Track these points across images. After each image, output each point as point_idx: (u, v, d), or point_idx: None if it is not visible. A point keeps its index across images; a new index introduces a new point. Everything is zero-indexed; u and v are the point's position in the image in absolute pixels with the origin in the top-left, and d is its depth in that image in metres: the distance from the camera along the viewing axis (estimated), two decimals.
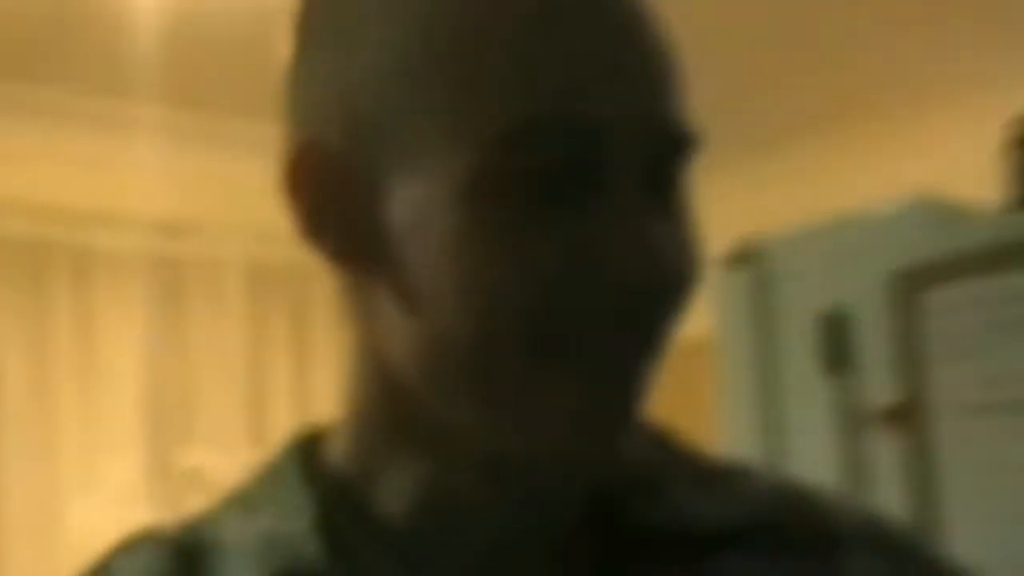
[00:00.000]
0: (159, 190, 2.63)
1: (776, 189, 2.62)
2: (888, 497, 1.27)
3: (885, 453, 1.25)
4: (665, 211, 0.44)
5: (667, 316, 0.44)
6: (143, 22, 2.36)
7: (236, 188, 2.76)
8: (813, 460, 1.33)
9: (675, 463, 0.53)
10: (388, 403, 0.48)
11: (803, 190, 2.47)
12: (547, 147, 0.43)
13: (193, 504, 0.75)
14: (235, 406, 2.96)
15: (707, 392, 1.61)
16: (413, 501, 0.48)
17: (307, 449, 0.53)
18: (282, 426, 2.92)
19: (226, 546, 0.52)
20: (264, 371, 3.19)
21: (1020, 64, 2.16)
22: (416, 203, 0.44)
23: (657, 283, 0.44)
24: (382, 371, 0.48)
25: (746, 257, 1.46)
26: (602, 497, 0.50)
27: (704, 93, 0.61)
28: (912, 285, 1.18)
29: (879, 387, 1.22)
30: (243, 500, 0.54)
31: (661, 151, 0.44)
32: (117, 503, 2.84)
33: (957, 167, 1.90)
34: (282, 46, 0.48)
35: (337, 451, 0.51)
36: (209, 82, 2.66)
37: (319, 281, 2.67)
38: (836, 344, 1.34)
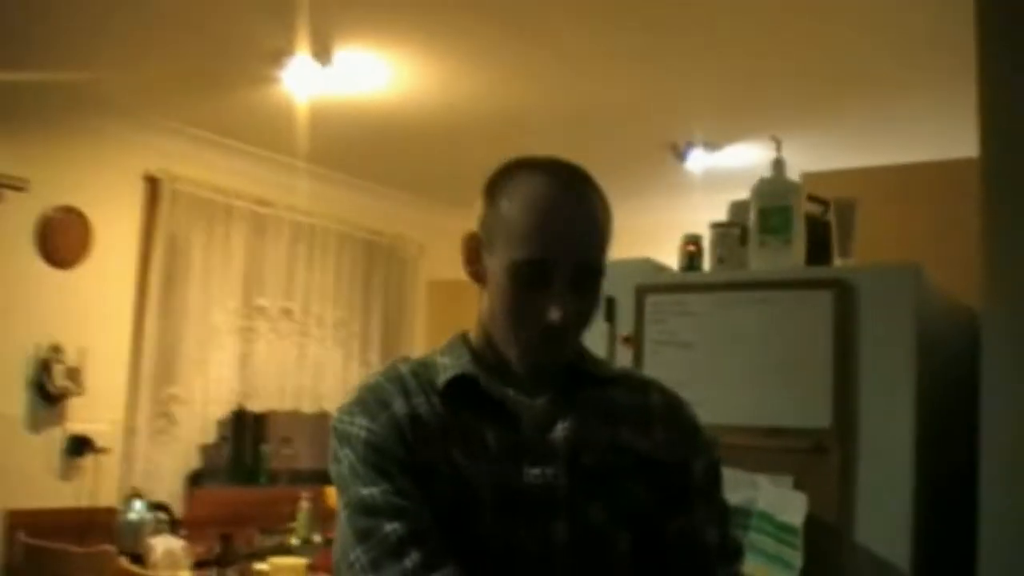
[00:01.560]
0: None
1: None
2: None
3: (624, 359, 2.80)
4: (578, 293, 1.49)
5: (566, 334, 1.51)
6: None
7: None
8: None
9: (593, 357, 1.66)
10: (483, 325, 1.60)
11: None
12: (531, 267, 1.47)
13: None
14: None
15: None
16: (492, 360, 1.58)
17: (463, 335, 1.64)
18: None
19: (436, 364, 1.58)
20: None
21: None
22: (491, 265, 1.54)
23: (559, 323, 1.47)
24: (482, 314, 1.61)
25: None
26: (569, 363, 1.60)
27: None
28: (645, 291, 2.74)
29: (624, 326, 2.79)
30: (439, 351, 1.61)
31: (583, 271, 1.49)
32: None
33: None
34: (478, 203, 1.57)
35: (473, 339, 1.62)
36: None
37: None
38: None
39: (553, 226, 1.49)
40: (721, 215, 3.07)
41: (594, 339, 1.66)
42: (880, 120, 4.85)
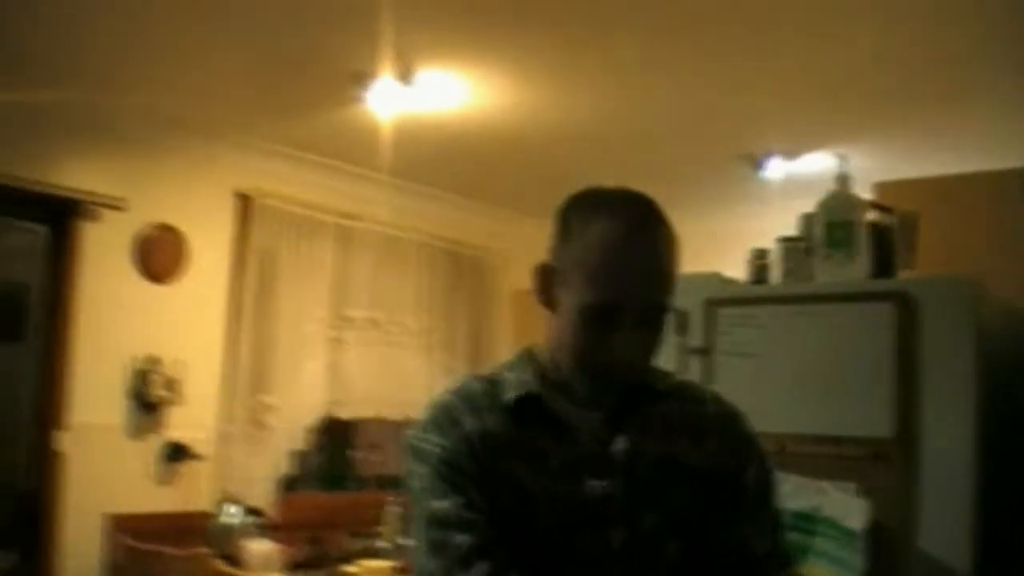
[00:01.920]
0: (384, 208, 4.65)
1: None
2: None
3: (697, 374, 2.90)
4: (643, 331, 1.58)
5: (631, 370, 1.61)
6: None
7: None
8: None
9: (654, 370, 1.70)
10: (554, 349, 1.67)
11: None
12: (602, 310, 1.54)
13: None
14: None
15: None
16: (556, 376, 1.67)
17: (530, 350, 1.72)
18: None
19: (503, 380, 1.67)
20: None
21: None
22: (563, 297, 1.61)
23: (625, 364, 1.58)
24: (551, 335, 1.69)
25: None
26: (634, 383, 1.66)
27: None
28: (715, 304, 2.83)
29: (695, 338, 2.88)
30: (507, 366, 1.70)
31: (651, 311, 1.57)
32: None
33: None
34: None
35: (539, 354, 1.69)
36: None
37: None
38: None
39: (625, 272, 1.55)
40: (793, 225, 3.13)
41: (666, 351, 1.76)
42: (954, 127, 4.85)
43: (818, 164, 5.53)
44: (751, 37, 4.03)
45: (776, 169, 5.59)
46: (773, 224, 4.15)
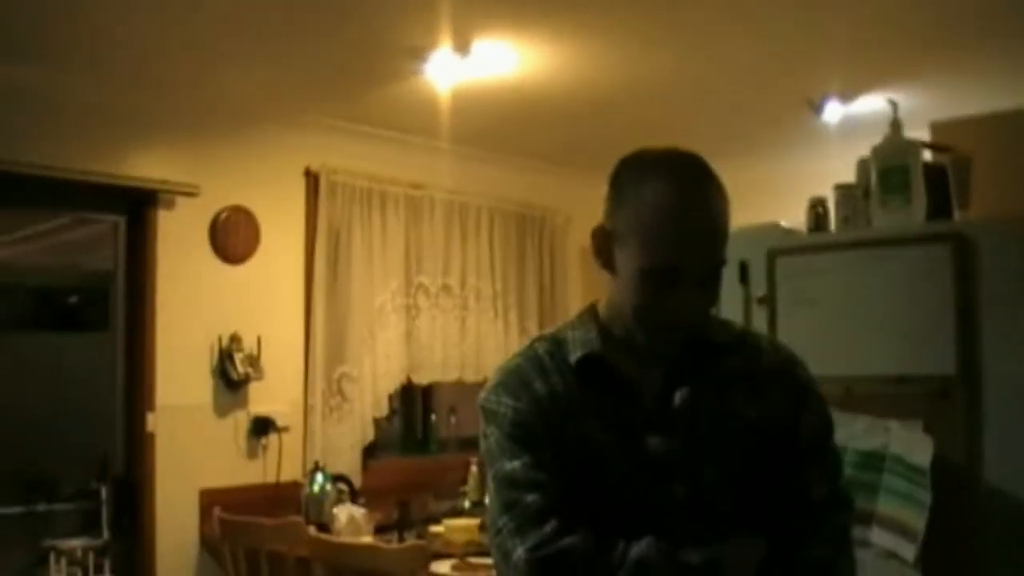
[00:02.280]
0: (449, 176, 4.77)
1: None
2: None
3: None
4: (701, 290, 1.64)
5: (693, 327, 1.68)
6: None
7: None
8: None
9: (713, 321, 1.78)
10: (612, 304, 1.74)
11: None
12: (661, 273, 1.59)
13: None
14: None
15: None
16: (618, 333, 1.74)
17: (593, 308, 1.80)
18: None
19: (567, 340, 1.76)
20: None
21: None
22: (621, 259, 1.66)
23: (686, 322, 1.65)
24: (612, 295, 1.75)
25: None
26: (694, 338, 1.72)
27: None
28: (776, 254, 2.91)
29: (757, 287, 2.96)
30: (571, 324, 1.79)
31: (708, 270, 1.62)
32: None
33: None
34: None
35: (602, 312, 1.77)
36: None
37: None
38: None
39: (680, 235, 1.60)
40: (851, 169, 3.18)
41: (730, 301, 1.82)
42: (1010, 62, 4.81)
43: (875, 105, 5.53)
44: None
45: (834, 112, 5.59)
46: (833, 167, 4.18)
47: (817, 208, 2.96)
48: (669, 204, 1.60)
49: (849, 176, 3.30)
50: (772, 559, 1.66)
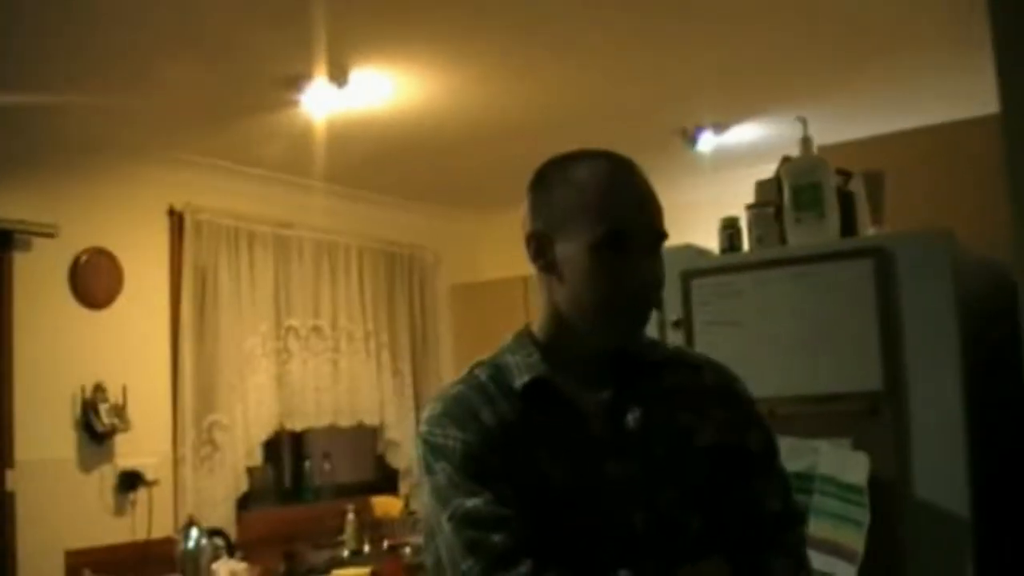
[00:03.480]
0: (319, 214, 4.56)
1: None
2: None
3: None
4: (653, 260, 1.61)
5: (653, 301, 1.62)
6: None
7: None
8: None
9: (645, 341, 1.73)
10: (556, 317, 1.65)
11: None
12: (613, 238, 1.54)
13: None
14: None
15: None
16: (565, 350, 1.65)
17: (527, 330, 1.69)
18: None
19: (509, 364, 1.64)
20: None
21: None
22: (567, 251, 1.60)
23: (649, 290, 1.61)
24: (553, 305, 1.64)
25: None
26: (626, 351, 1.67)
27: None
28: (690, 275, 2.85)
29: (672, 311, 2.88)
30: (508, 348, 1.67)
31: (654, 236, 1.60)
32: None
33: None
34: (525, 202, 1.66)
35: (538, 332, 1.68)
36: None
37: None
38: None
39: (626, 196, 1.59)
40: (732, 192, 3.17)
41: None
42: (891, 84, 4.93)
43: (747, 134, 5.60)
44: (677, 7, 4.04)
45: (707, 142, 5.64)
46: (706, 196, 4.20)
47: (729, 228, 2.91)
48: (606, 175, 1.60)
49: (725, 203, 3.30)
50: None
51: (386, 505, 6.27)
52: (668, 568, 1.56)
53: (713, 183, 5.70)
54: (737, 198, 3.08)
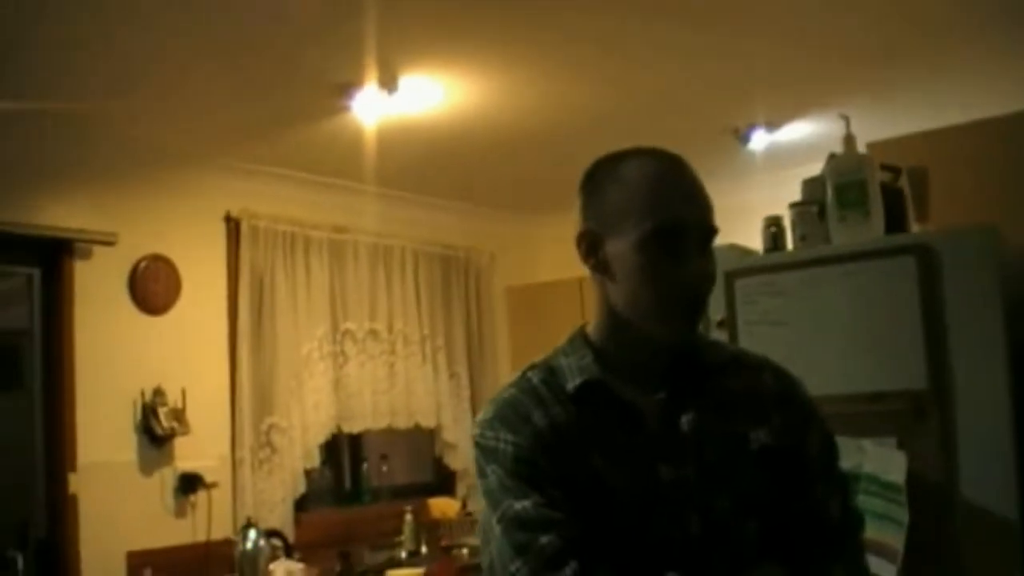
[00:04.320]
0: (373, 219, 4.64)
1: None
2: None
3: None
4: (705, 256, 1.60)
5: (706, 297, 1.61)
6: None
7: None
8: None
9: (706, 341, 1.78)
10: (610, 317, 1.65)
11: None
12: (665, 233, 1.53)
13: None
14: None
15: None
16: (619, 351, 1.66)
17: (582, 331, 1.70)
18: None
19: (562, 367, 1.65)
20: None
21: None
22: (617, 249, 1.59)
23: (701, 286, 1.60)
24: (607, 306, 1.64)
25: None
26: (685, 353, 1.67)
27: None
28: (735, 276, 2.85)
29: (716, 310, 2.89)
30: (563, 350, 1.68)
31: (704, 232, 1.58)
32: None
33: None
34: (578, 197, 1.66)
35: (592, 334, 1.68)
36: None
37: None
38: None
39: (677, 193, 1.58)
40: (785, 192, 3.15)
41: None
42: (939, 80, 4.87)
43: (799, 132, 5.56)
44: (725, 14, 4.03)
45: (760, 140, 5.60)
46: (758, 196, 4.16)
47: (772, 227, 2.90)
48: (655, 171, 1.60)
49: (776, 203, 3.28)
50: None
51: (443, 506, 6.31)
52: (723, 574, 1.56)
53: (766, 183, 5.66)
54: (790, 197, 3.05)
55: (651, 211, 1.56)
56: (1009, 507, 2.43)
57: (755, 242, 3.05)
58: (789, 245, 2.88)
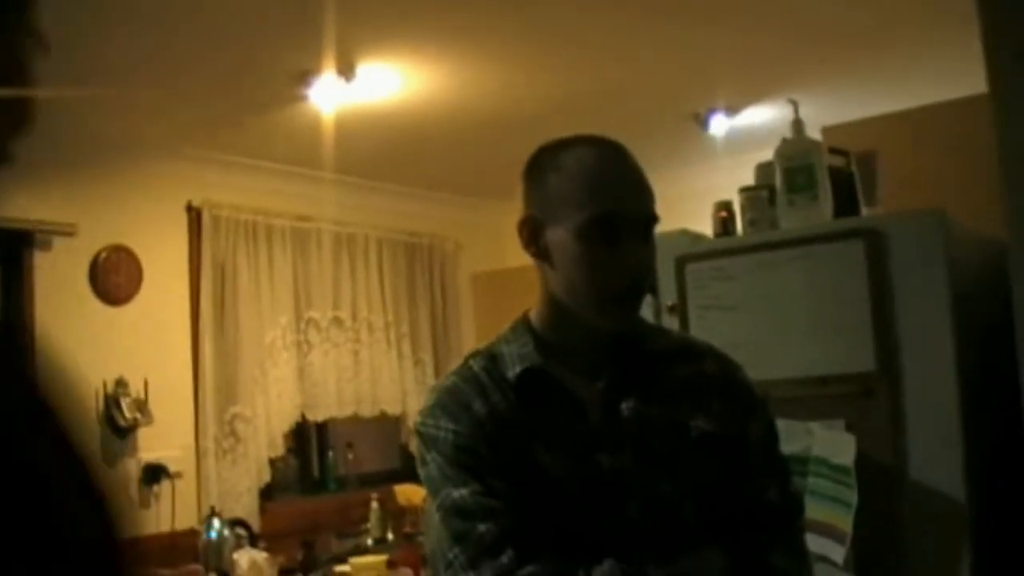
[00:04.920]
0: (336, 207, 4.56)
1: None
2: None
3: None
4: (644, 245, 1.61)
5: (643, 285, 1.64)
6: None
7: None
8: None
9: (650, 328, 1.81)
10: (551, 305, 1.67)
11: None
12: (602, 222, 1.55)
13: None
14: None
15: None
16: (561, 339, 1.67)
17: (525, 318, 1.71)
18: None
19: (503, 355, 1.66)
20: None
21: None
22: (557, 236, 1.61)
23: (638, 274, 1.61)
24: (548, 293, 1.66)
25: None
26: (627, 340, 1.68)
27: None
28: (685, 261, 2.86)
29: (667, 296, 2.90)
30: (505, 338, 1.69)
31: (642, 222, 1.60)
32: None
33: None
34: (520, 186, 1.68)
35: (535, 321, 1.69)
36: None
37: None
38: None
39: (615, 182, 1.61)
40: (746, 177, 3.17)
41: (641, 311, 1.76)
42: (896, 66, 4.89)
43: (760, 117, 5.58)
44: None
45: (720, 125, 5.62)
46: (728, 179, 4.17)
47: (722, 212, 2.92)
48: (597, 160, 1.62)
49: (736, 187, 3.30)
50: (734, 570, 1.60)
51: (408, 493, 6.30)
52: (664, 559, 1.57)
53: (727, 168, 5.67)
54: (750, 182, 3.07)
55: (590, 200, 1.58)
56: (956, 488, 2.46)
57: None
58: (739, 230, 2.90)
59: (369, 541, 5.80)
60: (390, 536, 5.90)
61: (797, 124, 2.81)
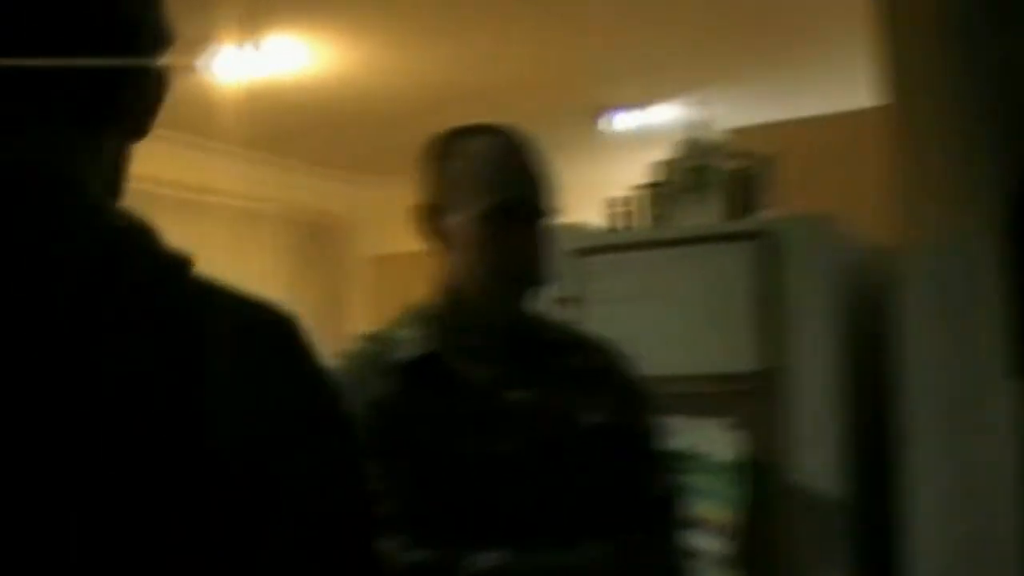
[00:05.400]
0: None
1: None
2: None
3: None
4: (537, 233, 1.64)
5: (535, 275, 1.65)
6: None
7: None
8: None
9: (544, 319, 1.79)
10: (446, 290, 1.66)
11: None
12: (501, 210, 1.58)
13: None
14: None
15: None
16: (455, 325, 1.66)
17: (422, 304, 1.69)
18: None
19: (396, 339, 1.66)
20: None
21: None
22: (454, 222, 1.63)
23: (530, 262, 1.64)
24: (441, 279, 1.67)
25: None
26: (521, 329, 1.72)
27: None
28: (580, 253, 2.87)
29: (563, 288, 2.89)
30: (398, 322, 1.68)
31: (539, 211, 1.64)
32: None
33: None
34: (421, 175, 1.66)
35: (430, 305, 1.67)
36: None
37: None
38: None
39: (513, 172, 1.62)
40: (646, 173, 3.19)
41: (537, 303, 1.76)
42: (801, 71, 4.96)
43: (666, 115, 5.63)
44: None
45: (624, 121, 5.66)
46: (622, 176, 4.18)
47: (620, 207, 2.93)
48: (500, 149, 1.64)
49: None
50: (617, 561, 1.61)
51: None
52: (548, 547, 1.58)
53: (629, 164, 5.71)
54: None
55: (487, 188, 1.60)
56: (835, 486, 2.51)
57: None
58: (636, 225, 2.91)
59: None
60: None
61: (696, 124, 2.83)
